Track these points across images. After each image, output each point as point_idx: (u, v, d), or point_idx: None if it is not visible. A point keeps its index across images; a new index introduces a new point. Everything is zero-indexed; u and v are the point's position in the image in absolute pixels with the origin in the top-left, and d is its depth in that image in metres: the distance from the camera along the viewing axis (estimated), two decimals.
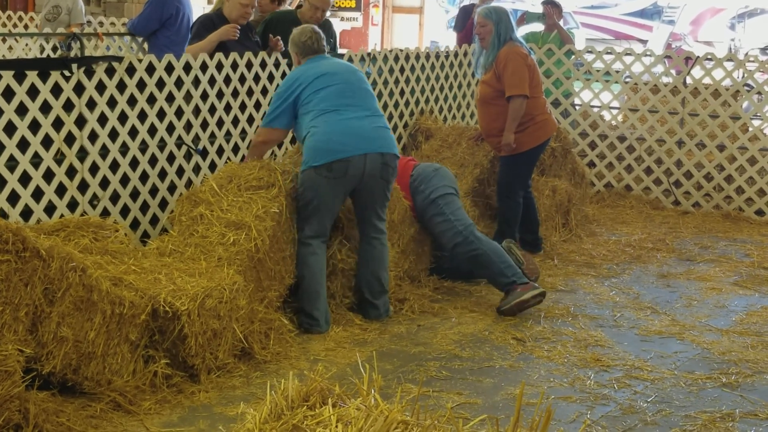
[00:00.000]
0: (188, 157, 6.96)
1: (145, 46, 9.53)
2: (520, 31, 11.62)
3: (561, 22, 11.58)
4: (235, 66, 7.24)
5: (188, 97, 6.89)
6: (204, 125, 7.05)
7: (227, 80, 7.17)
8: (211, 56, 7.02)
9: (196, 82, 6.94)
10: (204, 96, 7.01)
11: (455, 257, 7.04)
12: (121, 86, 6.42)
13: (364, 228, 6.46)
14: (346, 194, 6.29)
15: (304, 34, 6.50)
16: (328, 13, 8.59)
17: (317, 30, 6.57)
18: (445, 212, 6.88)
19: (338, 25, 19.63)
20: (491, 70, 7.63)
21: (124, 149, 6.49)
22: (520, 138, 7.65)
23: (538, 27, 11.86)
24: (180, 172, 6.90)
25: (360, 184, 6.22)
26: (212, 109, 7.10)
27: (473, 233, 6.82)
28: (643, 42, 23.28)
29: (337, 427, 2.93)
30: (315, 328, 6.15)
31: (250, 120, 7.40)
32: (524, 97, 7.54)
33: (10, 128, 5.79)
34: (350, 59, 8.41)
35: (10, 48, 10.69)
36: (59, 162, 6.10)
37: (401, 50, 9.13)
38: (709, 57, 9.86)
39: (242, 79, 7.32)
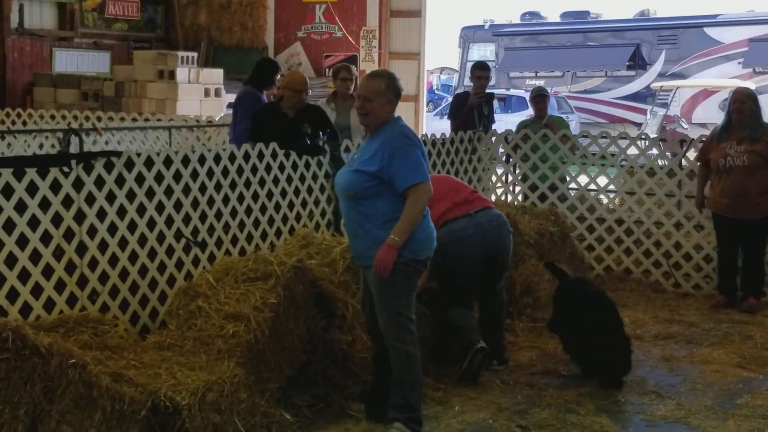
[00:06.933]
0: (187, 249, 6.96)
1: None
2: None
3: (554, 108, 11.73)
4: (232, 158, 7.28)
5: (186, 190, 6.92)
6: (203, 217, 7.07)
7: (225, 173, 7.21)
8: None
9: (194, 174, 6.98)
10: (202, 188, 7.05)
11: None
12: (120, 181, 6.45)
13: None
14: None
15: (395, 78, 5.79)
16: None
17: None
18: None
19: None
20: (762, 141, 8.86)
21: (123, 243, 6.50)
22: None
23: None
24: (179, 264, 6.90)
25: None
26: (210, 201, 7.12)
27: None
28: (638, 125, 23.51)
29: None
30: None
31: (248, 211, 7.41)
32: None
33: (9, 225, 5.81)
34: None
35: (9, 145, 10.77)
36: (58, 258, 6.11)
37: None
38: (703, 139, 9.91)
39: (240, 171, 7.36)
